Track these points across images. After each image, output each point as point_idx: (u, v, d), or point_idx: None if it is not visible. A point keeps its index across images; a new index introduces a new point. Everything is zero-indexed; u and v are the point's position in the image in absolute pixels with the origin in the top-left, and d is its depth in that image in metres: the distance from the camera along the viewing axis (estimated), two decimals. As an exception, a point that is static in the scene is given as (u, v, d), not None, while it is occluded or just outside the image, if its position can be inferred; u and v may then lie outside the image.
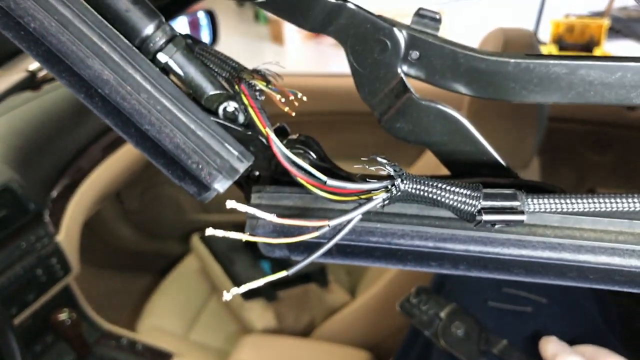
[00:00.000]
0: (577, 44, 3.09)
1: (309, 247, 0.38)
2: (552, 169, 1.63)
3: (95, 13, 0.36)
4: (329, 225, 0.34)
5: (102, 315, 1.58)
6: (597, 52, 2.99)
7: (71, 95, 1.52)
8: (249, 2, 0.38)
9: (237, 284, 1.40)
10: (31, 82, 1.04)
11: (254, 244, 1.46)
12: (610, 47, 3.33)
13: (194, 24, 1.71)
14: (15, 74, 1.01)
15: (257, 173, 0.42)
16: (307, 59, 4.34)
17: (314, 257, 0.36)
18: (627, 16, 2.49)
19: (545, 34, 3.27)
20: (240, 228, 1.50)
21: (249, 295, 1.56)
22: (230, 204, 0.34)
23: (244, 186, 0.42)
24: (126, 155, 1.62)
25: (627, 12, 2.50)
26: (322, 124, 1.66)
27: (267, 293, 1.57)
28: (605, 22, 2.17)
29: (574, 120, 1.54)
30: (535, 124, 1.18)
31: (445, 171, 0.42)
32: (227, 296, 0.36)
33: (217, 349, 1.56)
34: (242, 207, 0.34)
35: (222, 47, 0.61)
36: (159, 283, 1.75)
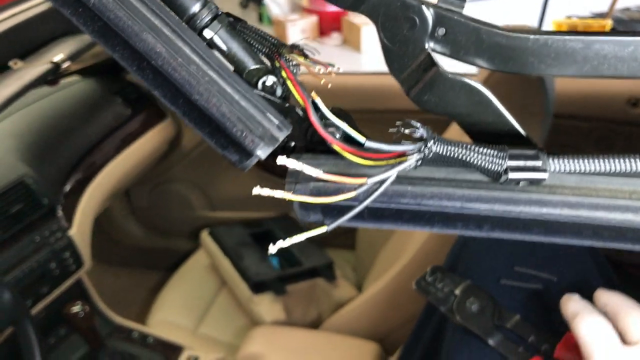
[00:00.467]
0: (578, 46, 3.08)
1: (342, 211, 0.41)
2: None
3: (148, -9, 0.39)
4: (367, 182, 0.36)
5: (112, 311, 1.61)
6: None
7: (83, 93, 1.54)
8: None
9: (246, 278, 1.43)
10: (54, 74, 1.06)
11: (263, 239, 1.49)
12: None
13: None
14: (39, 66, 1.04)
15: (292, 143, 0.45)
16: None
17: (348, 216, 0.39)
18: (629, 17, 2.52)
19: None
20: (248, 225, 1.53)
21: (257, 289, 1.58)
22: (282, 159, 0.36)
23: (280, 156, 0.45)
24: (137, 151, 1.65)
25: (629, 13, 2.53)
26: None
27: (275, 287, 1.60)
28: (608, 23, 2.20)
29: (577, 117, 1.57)
30: (541, 121, 1.21)
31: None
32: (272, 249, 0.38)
33: (226, 342, 1.59)
34: (291, 162, 0.37)
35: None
36: (168, 279, 1.77)
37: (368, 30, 2.11)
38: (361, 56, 2.22)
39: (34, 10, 1.10)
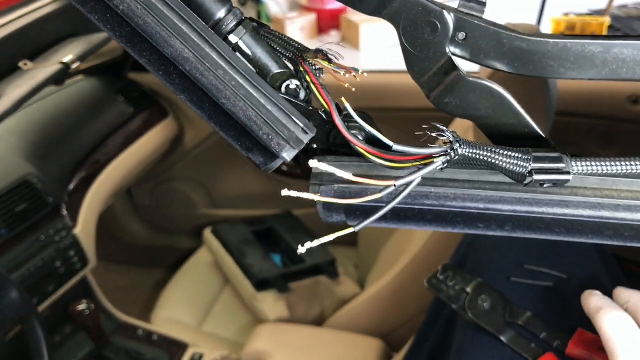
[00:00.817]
0: (577, 43, 3.10)
1: (364, 212, 0.42)
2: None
3: (175, -3, 0.40)
4: (395, 185, 0.37)
5: (116, 309, 1.61)
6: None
7: (86, 92, 1.55)
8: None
9: (250, 276, 1.44)
10: (65, 74, 1.07)
11: (266, 237, 1.49)
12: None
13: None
14: (49, 66, 1.04)
15: (315, 146, 0.46)
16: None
17: (375, 217, 0.40)
18: (627, 14, 2.52)
19: (546, 32, 3.31)
20: (250, 222, 1.54)
21: (261, 286, 1.59)
22: (313, 163, 0.37)
23: (301, 159, 0.46)
24: (140, 149, 1.66)
25: (627, 10, 2.54)
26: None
27: (279, 285, 1.61)
28: (607, 21, 2.20)
29: (578, 115, 1.58)
30: (544, 118, 1.22)
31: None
32: (301, 249, 0.39)
33: (230, 340, 1.59)
34: (323, 165, 0.38)
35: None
36: (171, 277, 1.78)
37: (367, 28, 2.11)
38: (360, 54, 2.22)
39: (43, 11, 1.11)
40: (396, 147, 0.37)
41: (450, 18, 0.42)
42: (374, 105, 1.72)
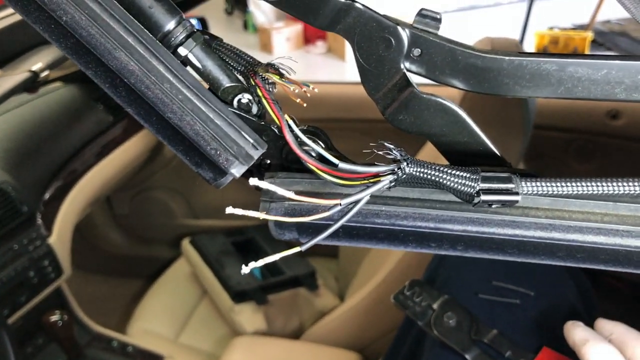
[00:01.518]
0: (561, 56, 3.13)
1: (317, 230, 0.41)
2: (535, 176, 1.67)
3: (122, 8, 0.39)
4: (340, 204, 0.36)
5: (92, 319, 1.59)
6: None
7: (64, 99, 1.53)
8: (265, 0, 0.41)
9: (228, 287, 1.41)
10: (33, 83, 1.05)
11: (245, 248, 1.48)
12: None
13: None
14: (17, 74, 1.03)
15: (268, 161, 0.45)
16: (296, 67, 4.34)
17: (323, 235, 0.39)
18: (610, 29, 2.56)
19: (529, 46, 3.35)
20: (230, 233, 1.52)
21: (239, 298, 1.57)
22: (253, 181, 0.36)
23: (255, 174, 0.45)
24: (118, 158, 1.64)
25: (610, 25, 2.57)
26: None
27: (257, 296, 1.59)
28: (589, 35, 2.23)
29: (557, 129, 1.59)
30: (521, 132, 1.22)
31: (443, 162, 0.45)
32: (245, 269, 0.38)
33: (207, 352, 1.57)
34: (263, 184, 0.37)
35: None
36: (149, 287, 1.76)
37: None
38: (346, 64, 2.22)
39: (12, 18, 1.09)
40: (342, 165, 0.36)
41: (404, 34, 0.41)
42: (337, 115, 1.72)
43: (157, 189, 1.99)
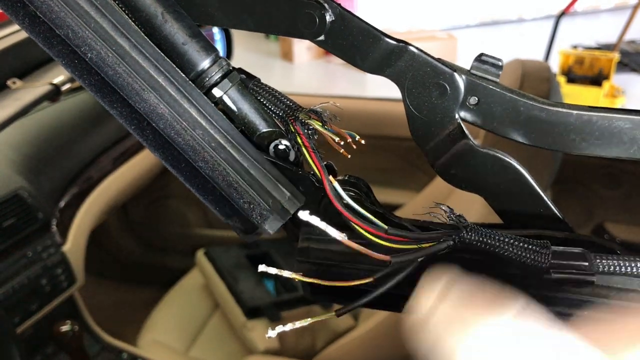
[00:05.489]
0: (586, 77, 3.09)
1: (353, 293, 0.37)
2: (561, 200, 1.62)
3: (153, 45, 0.35)
4: (390, 262, 0.33)
5: (104, 326, 1.56)
6: (606, 85, 3.00)
7: (84, 105, 1.51)
8: (309, 40, 0.37)
9: (241, 302, 1.37)
10: (55, 95, 1.03)
11: (259, 262, 1.44)
12: (618, 80, 3.34)
13: (209, 39, 1.72)
14: (38, 87, 1.00)
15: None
16: (316, 77, 4.33)
17: (363, 301, 0.35)
18: (635, 50, 2.50)
19: (554, 65, 3.27)
20: (245, 245, 1.48)
21: (251, 314, 1.54)
22: (304, 215, 0.32)
23: (288, 225, 0.41)
24: (136, 166, 1.62)
25: (635, 46, 2.51)
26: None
27: (270, 313, 1.55)
28: (616, 56, 2.18)
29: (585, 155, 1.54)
30: (551, 156, 1.18)
31: (474, 212, 0.41)
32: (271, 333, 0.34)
33: (217, 368, 1.54)
34: (313, 219, 0.33)
35: (234, 62, 0.60)
36: (162, 296, 1.73)
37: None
38: (366, 76, 2.17)
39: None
40: (391, 230, 0.32)
41: (461, 81, 0.37)
42: (375, 132, 1.68)
43: (173, 197, 1.97)
